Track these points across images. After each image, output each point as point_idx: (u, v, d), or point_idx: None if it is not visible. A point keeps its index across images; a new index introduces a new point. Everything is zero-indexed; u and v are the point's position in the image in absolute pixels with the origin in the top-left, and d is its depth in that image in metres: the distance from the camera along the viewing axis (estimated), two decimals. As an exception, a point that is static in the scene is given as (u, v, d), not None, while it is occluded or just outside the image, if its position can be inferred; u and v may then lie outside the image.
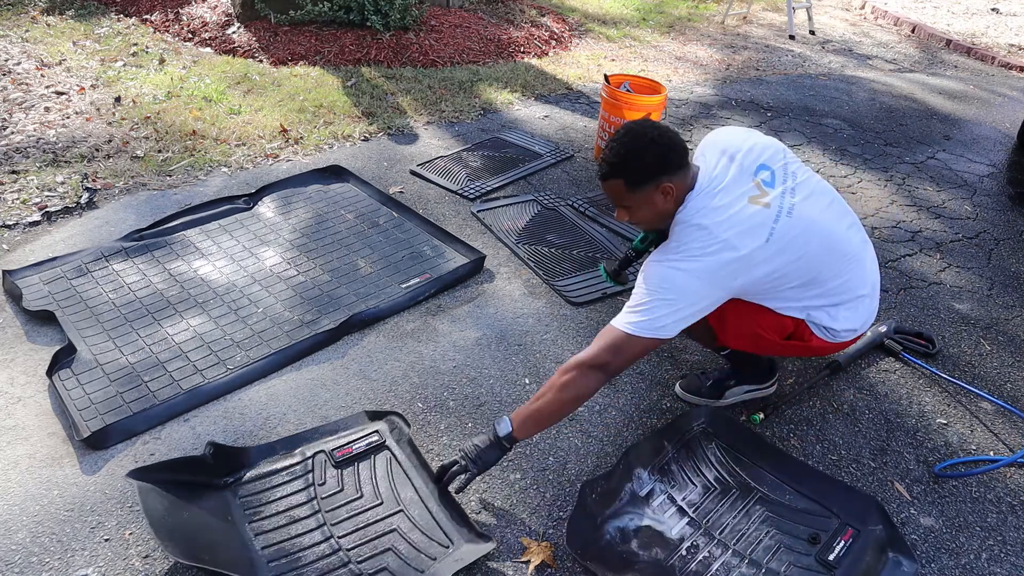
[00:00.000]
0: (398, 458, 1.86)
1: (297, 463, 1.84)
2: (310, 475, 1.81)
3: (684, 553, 1.68)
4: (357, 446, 1.87)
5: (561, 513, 1.80)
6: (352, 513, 1.72)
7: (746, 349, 1.93)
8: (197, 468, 1.75)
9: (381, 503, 1.75)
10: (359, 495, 1.77)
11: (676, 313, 1.61)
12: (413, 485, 1.79)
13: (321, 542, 1.65)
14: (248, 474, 1.79)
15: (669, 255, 1.65)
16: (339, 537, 1.66)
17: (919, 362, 2.37)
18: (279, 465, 1.83)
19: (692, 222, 1.63)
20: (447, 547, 1.65)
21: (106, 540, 1.65)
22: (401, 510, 1.73)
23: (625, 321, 1.63)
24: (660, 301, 1.61)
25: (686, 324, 1.64)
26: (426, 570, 1.59)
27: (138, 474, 1.68)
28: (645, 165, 1.63)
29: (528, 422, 1.68)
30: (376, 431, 1.92)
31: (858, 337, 1.92)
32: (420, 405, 2.08)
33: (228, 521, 1.67)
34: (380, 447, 1.89)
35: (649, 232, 2.03)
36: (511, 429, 1.68)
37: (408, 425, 1.94)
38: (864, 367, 2.38)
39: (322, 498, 1.75)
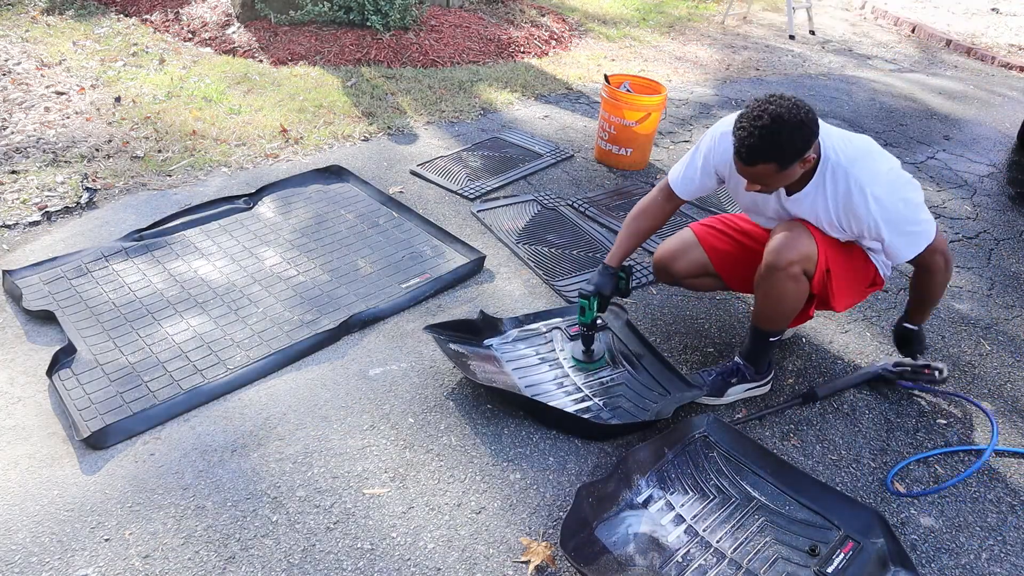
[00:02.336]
0: (618, 334, 2.37)
1: (540, 333, 2.37)
2: (552, 344, 2.34)
3: (680, 561, 1.67)
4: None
5: (561, 513, 1.80)
6: (587, 374, 2.23)
7: (847, 305, 2.05)
8: (471, 328, 2.30)
9: (609, 366, 2.27)
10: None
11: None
12: (631, 351, 2.31)
13: (564, 383, 2.19)
14: (508, 334, 2.35)
15: (878, 179, 1.78)
16: (579, 384, 2.19)
17: (924, 386, 2.27)
18: (527, 331, 2.37)
19: (857, 154, 1.80)
20: (665, 395, 2.15)
21: (106, 540, 1.65)
22: (624, 371, 2.25)
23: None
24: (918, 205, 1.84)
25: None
26: (650, 410, 2.09)
27: (433, 329, 2.21)
28: (797, 147, 1.69)
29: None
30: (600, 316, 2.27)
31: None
32: (420, 405, 2.08)
33: (496, 364, 2.22)
34: (603, 327, 2.36)
35: (592, 299, 2.13)
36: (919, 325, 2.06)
37: (626, 312, 2.45)
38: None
39: (562, 360, 2.28)
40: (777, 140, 1.66)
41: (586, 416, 2.05)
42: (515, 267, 2.75)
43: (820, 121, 1.77)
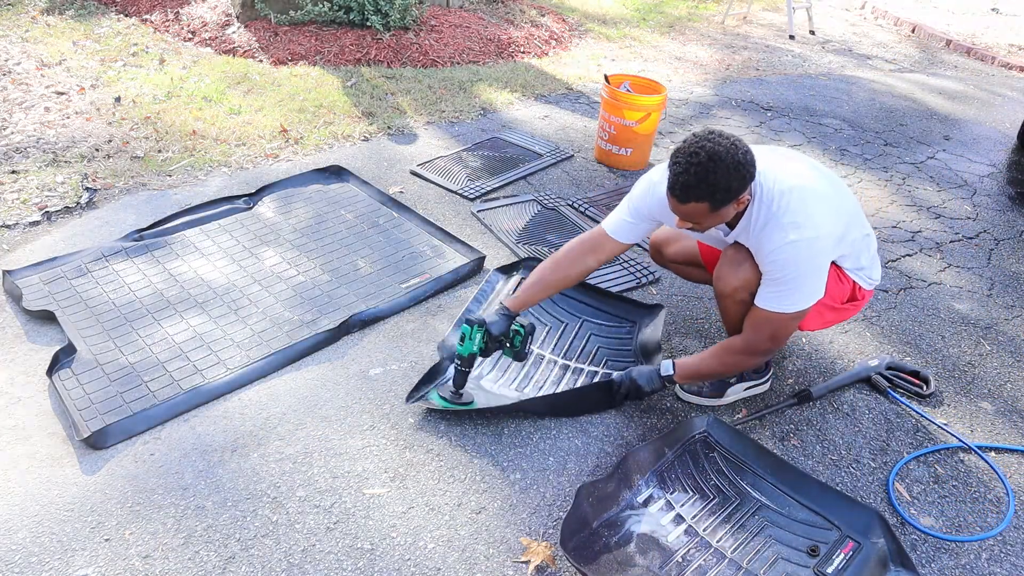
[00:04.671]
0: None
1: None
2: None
3: (680, 561, 1.67)
4: None
5: (561, 513, 1.80)
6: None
7: (819, 324, 2.04)
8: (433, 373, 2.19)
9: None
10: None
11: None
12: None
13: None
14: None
15: (788, 232, 1.72)
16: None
17: (904, 401, 2.23)
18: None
19: (780, 191, 1.75)
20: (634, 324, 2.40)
21: (106, 540, 1.65)
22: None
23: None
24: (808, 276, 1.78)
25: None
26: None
27: (412, 399, 2.10)
28: (731, 187, 1.64)
29: (690, 375, 2.00)
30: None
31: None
32: (420, 405, 2.08)
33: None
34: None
35: (475, 328, 1.96)
36: (672, 373, 1.99)
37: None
38: (864, 367, 2.38)
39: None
40: (712, 180, 1.61)
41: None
42: (515, 267, 2.75)
43: (764, 155, 1.79)
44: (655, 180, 1.92)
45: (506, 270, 2.63)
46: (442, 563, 1.66)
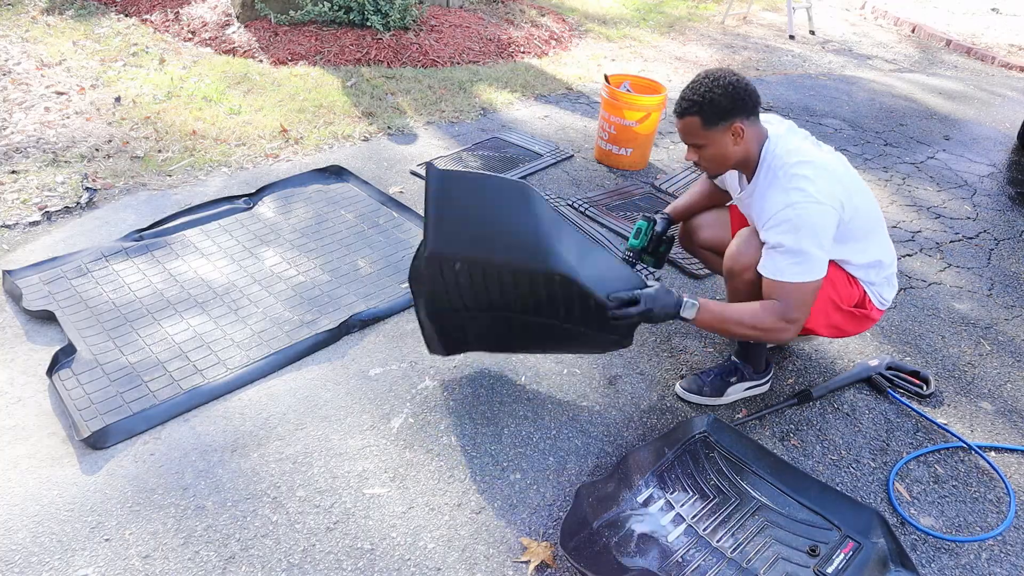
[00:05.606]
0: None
1: None
2: None
3: (680, 561, 1.67)
4: None
5: (561, 513, 1.80)
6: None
7: (822, 330, 2.01)
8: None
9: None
10: None
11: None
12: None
13: None
14: None
15: (790, 195, 1.75)
16: None
17: (904, 401, 2.23)
18: None
19: (791, 158, 1.80)
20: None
21: (106, 540, 1.65)
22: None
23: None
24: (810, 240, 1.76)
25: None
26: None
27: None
28: (721, 104, 1.77)
29: (713, 319, 1.84)
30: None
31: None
32: (420, 405, 2.08)
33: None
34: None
35: (650, 224, 2.26)
36: (695, 316, 1.82)
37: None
38: (864, 367, 2.38)
39: None
40: (703, 94, 1.77)
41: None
42: (515, 267, 2.75)
43: (779, 129, 1.88)
44: None
45: None
46: (442, 563, 1.66)
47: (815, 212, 1.74)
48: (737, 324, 1.83)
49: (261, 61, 4.48)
